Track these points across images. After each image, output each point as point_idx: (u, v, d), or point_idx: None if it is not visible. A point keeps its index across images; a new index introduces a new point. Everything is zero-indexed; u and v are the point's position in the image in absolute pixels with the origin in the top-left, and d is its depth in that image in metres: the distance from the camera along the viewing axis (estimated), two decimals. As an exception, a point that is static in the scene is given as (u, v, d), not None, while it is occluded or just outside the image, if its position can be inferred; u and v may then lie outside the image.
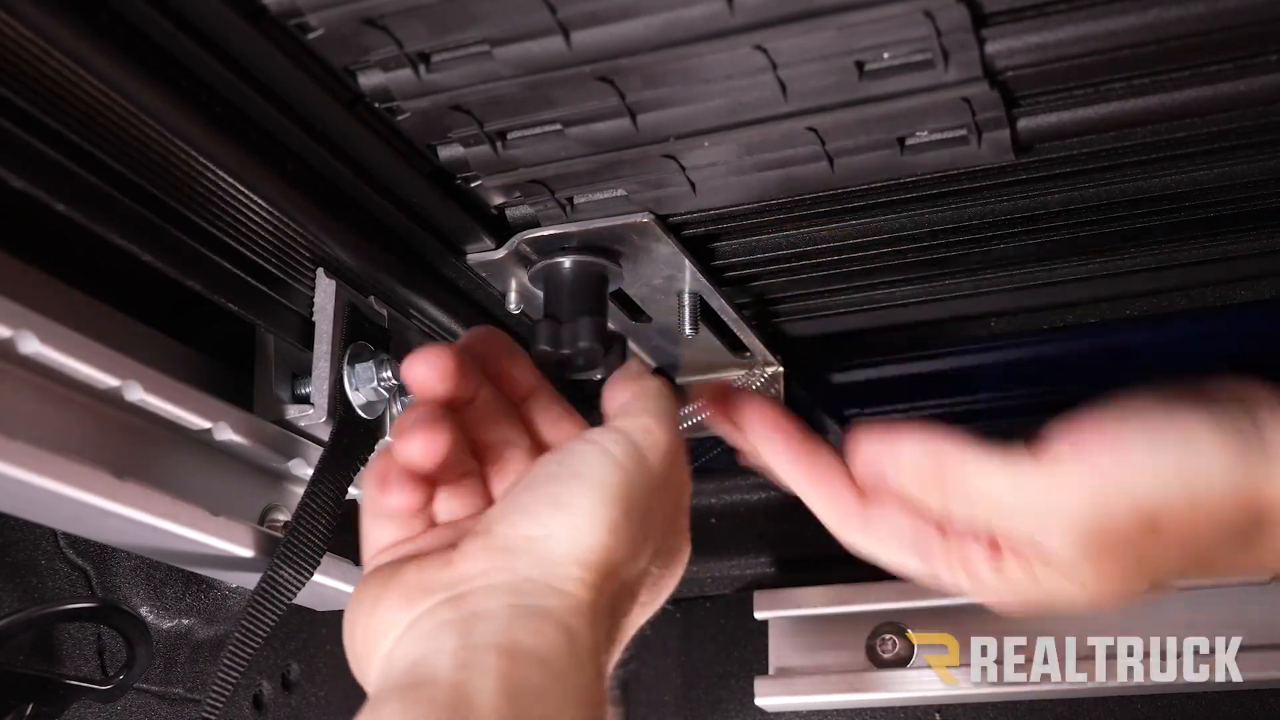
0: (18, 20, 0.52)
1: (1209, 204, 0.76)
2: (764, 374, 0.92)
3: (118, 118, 0.58)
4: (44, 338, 0.59)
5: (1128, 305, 0.97)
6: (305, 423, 0.73)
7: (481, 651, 0.53)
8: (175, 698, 0.86)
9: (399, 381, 0.73)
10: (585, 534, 0.57)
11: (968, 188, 0.72)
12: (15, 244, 0.63)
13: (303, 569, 0.70)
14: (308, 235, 0.70)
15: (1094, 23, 0.57)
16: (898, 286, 0.86)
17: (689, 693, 1.11)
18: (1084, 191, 0.73)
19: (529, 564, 0.56)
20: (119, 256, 0.62)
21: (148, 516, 0.65)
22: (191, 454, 0.72)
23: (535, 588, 0.56)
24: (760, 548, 1.11)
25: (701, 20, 0.55)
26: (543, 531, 0.57)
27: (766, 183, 0.68)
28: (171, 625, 0.86)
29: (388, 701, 0.52)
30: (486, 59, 0.58)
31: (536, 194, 0.69)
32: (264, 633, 0.69)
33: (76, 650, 0.80)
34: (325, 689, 0.97)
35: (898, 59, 0.58)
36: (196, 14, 0.55)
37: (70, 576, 0.80)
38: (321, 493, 0.71)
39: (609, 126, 0.63)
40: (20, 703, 0.74)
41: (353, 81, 0.60)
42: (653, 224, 0.71)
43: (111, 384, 0.64)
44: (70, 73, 0.55)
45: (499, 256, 0.73)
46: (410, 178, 0.68)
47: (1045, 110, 0.63)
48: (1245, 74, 0.61)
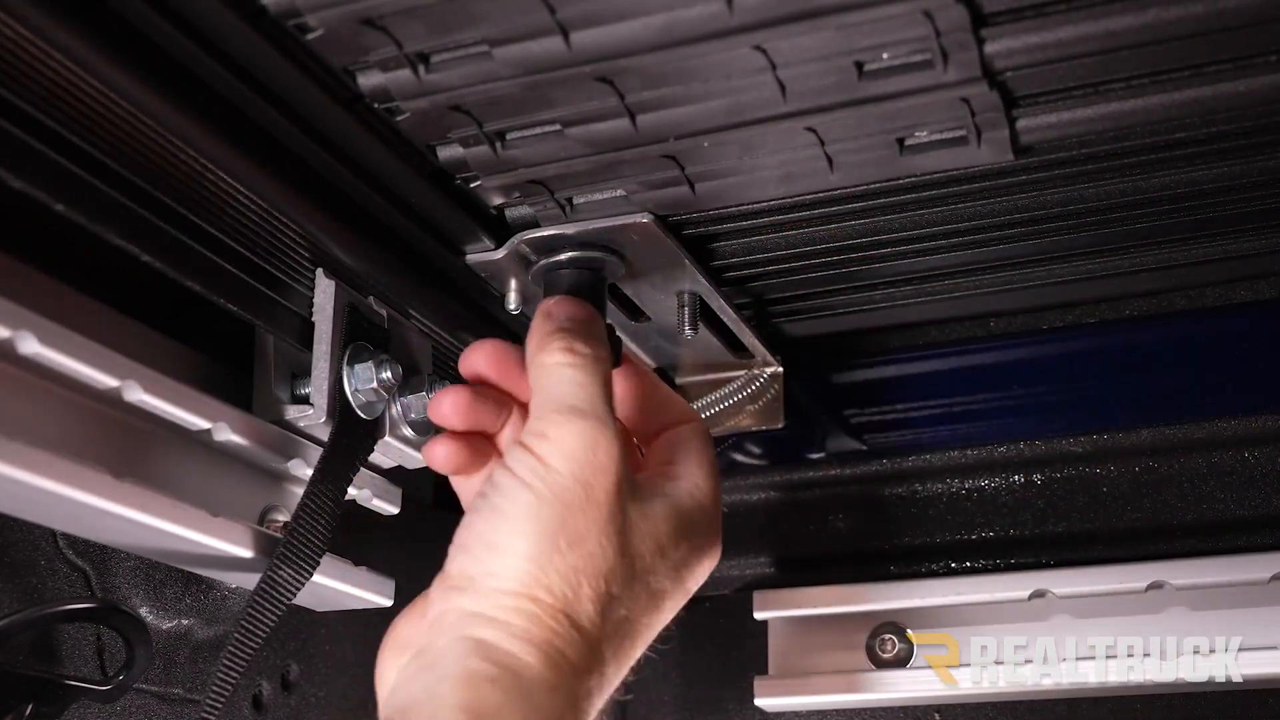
0: (17, 21, 0.52)
1: (1208, 204, 0.76)
2: (764, 374, 0.92)
3: (117, 118, 0.58)
4: (43, 338, 0.59)
5: (1127, 305, 0.97)
6: (304, 423, 0.72)
7: (441, 683, 0.58)
8: (175, 698, 0.86)
9: (398, 382, 0.73)
10: (509, 567, 0.60)
11: (967, 188, 0.72)
12: (14, 244, 0.63)
13: (302, 569, 0.70)
14: (307, 235, 0.70)
15: (1093, 23, 0.57)
16: (897, 286, 0.87)
17: (689, 692, 1.11)
18: (1083, 192, 0.73)
19: (470, 600, 0.60)
20: (118, 257, 0.62)
21: (147, 517, 0.65)
22: (191, 454, 0.72)
23: (477, 620, 0.60)
24: (760, 548, 1.11)
25: (701, 21, 0.55)
26: (478, 568, 0.61)
27: (766, 183, 0.68)
28: (171, 625, 0.86)
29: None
30: (486, 59, 0.58)
31: (536, 194, 0.69)
32: (263, 633, 0.69)
33: (76, 651, 0.79)
34: (325, 689, 0.97)
35: (897, 59, 0.58)
36: (196, 14, 0.55)
37: (69, 577, 0.80)
38: (321, 493, 0.71)
39: (608, 127, 0.63)
40: (19, 703, 0.73)
41: (352, 82, 0.60)
42: (652, 224, 0.71)
43: (111, 384, 0.64)
44: (69, 73, 0.55)
45: (498, 257, 0.73)
46: (409, 178, 0.67)
47: (1044, 110, 0.63)
48: (1244, 74, 0.61)
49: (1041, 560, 1.03)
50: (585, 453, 0.62)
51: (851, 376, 1.04)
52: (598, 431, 0.62)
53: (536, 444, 0.62)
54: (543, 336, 0.66)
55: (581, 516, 0.61)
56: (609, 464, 0.62)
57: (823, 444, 1.09)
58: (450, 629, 0.60)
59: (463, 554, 0.62)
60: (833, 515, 1.09)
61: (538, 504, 0.60)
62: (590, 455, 0.62)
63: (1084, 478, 1.03)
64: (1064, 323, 0.99)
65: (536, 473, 0.61)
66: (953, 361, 1.03)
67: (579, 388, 0.64)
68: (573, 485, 0.61)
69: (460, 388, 0.69)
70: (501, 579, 0.60)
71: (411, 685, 0.59)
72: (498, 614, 0.59)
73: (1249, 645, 0.95)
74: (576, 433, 0.62)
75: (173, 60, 0.57)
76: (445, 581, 0.62)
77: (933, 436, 1.07)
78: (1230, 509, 1.00)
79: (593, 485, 0.61)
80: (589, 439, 0.62)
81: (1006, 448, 1.04)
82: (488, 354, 0.69)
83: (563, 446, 0.62)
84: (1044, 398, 1.04)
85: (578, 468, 0.61)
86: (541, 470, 0.61)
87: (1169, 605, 0.98)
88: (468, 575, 0.61)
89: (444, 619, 0.60)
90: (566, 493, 0.61)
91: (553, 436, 0.62)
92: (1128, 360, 1.00)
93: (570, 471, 0.61)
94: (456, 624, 0.60)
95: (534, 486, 0.61)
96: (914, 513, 1.07)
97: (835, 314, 0.90)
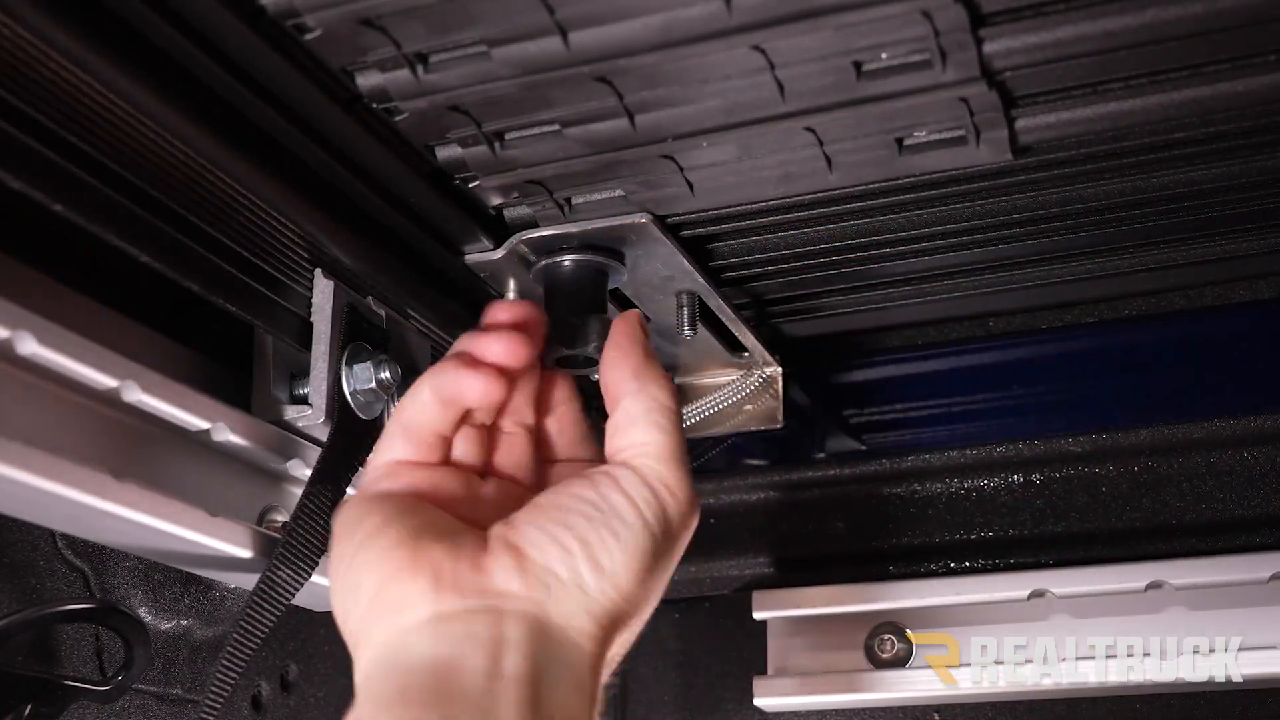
0: (15, 21, 0.52)
1: (1207, 204, 0.76)
2: (763, 374, 0.92)
3: (115, 119, 0.58)
4: (42, 338, 0.59)
5: (1126, 305, 0.97)
6: (303, 423, 0.72)
7: (510, 683, 0.55)
8: (174, 698, 0.86)
9: (397, 382, 0.73)
10: (608, 592, 0.60)
11: (966, 188, 0.72)
12: (13, 245, 0.63)
13: (301, 570, 0.70)
14: (306, 236, 0.70)
15: (1092, 23, 0.57)
16: (896, 286, 0.86)
17: (687, 692, 1.11)
18: (1082, 191, 0.73)
19: (555, 605, 0.58)
20: (117, 257, 0.62)
21: (146, 517, 0.65)
22: (189, 455, 0.72)
23: (559, 634, 0.58)
24: (759, 547, 1.11)
25: (699, 20, 0.55)
26: (571, 576, 0.59)
27: (764, 183, 0.68)
28: (170, 626, 0.86)
29: (413, 691, 0.54)
30: (484, 59, 0.58)
31: (534, 194, 0.69)
32: (262, 633, 0.69)
33: (75, 651, 0.80)
34: (324, 690, 0.97)
35: (896, 59, 0.58)
36: (194, 15, 0.55)
37: (69, 577, 0.80)
38: (320, 493, 0.71)
39: (607, 127, 0.63)
40: (19, 703, 0.73)
41: (350, 82, 0.60)
42: (651, 224, 0.71)
43: (110, 385, 0.64)
44: (68, 74, 0.55)
45: (497, 257, 0.73)
46: (408, 178, 0.67)
47: (1043, 110, 0.63)
48: (1243, 74, 0.61)
49: (1041, 560, 1.03)
50: (693, 513, 0.64)
51: (850, 376, 1.04)
52: (694, 489, 0.65)
53: (663, 493, 0.63)
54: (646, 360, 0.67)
55: (669, 565, 0.64)
56: (693, 524, 0.65)
57: (822, 444, 1.09)
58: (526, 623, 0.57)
59: (560, 553, 0.59)
60: (832, 515, 1.09)
61: (654, 550, 0.62)
62: (694, 514, 0.65)
63: (1083, 477, 1.03)
64: (1063, 323, 0.99)
65: (660, 520, 0.62)
66: (952, 361, 1.03)
67: (683, 437, 0.66)
68: (677, 540, 0.64)
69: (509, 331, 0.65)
70: (596, 603, 0.59)
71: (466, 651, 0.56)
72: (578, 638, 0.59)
73: (1249, 645, 0.95)
74: (690, 491, 0.64)
75: (171, 60, 0.57)
76: (525, 564, 0.59)
77: (932, 436, 1.07)
78: (1230, 508, 1.00)
79: (680, 543, 0.64)
80: (695, 497, 0.64)
81: (1005, 447, 1.04)
82: (519, 316, 0.68)
83: (682, 502, 0.64)
84: (1043, 397, 1.04)
85: (687, 526, 0.64)
86: (664, 519, 0.63)
87: (1168, 605, 0.98)
88: (558, 577, 0.59)
89: (517, 602, 0.58)
90: (672, 546, 0.63)
91: (676, 491, 0.63)
92: (1127, 360, 1.00)
93: (680, 528, 0.64)
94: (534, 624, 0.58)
95: (654, 532, 0.62)
96: (913, 513, 1.07)
97: (834, 314, 0.90)
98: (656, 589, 0.63)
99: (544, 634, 0.58)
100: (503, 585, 0.58)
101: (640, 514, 0.62)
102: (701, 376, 0.92)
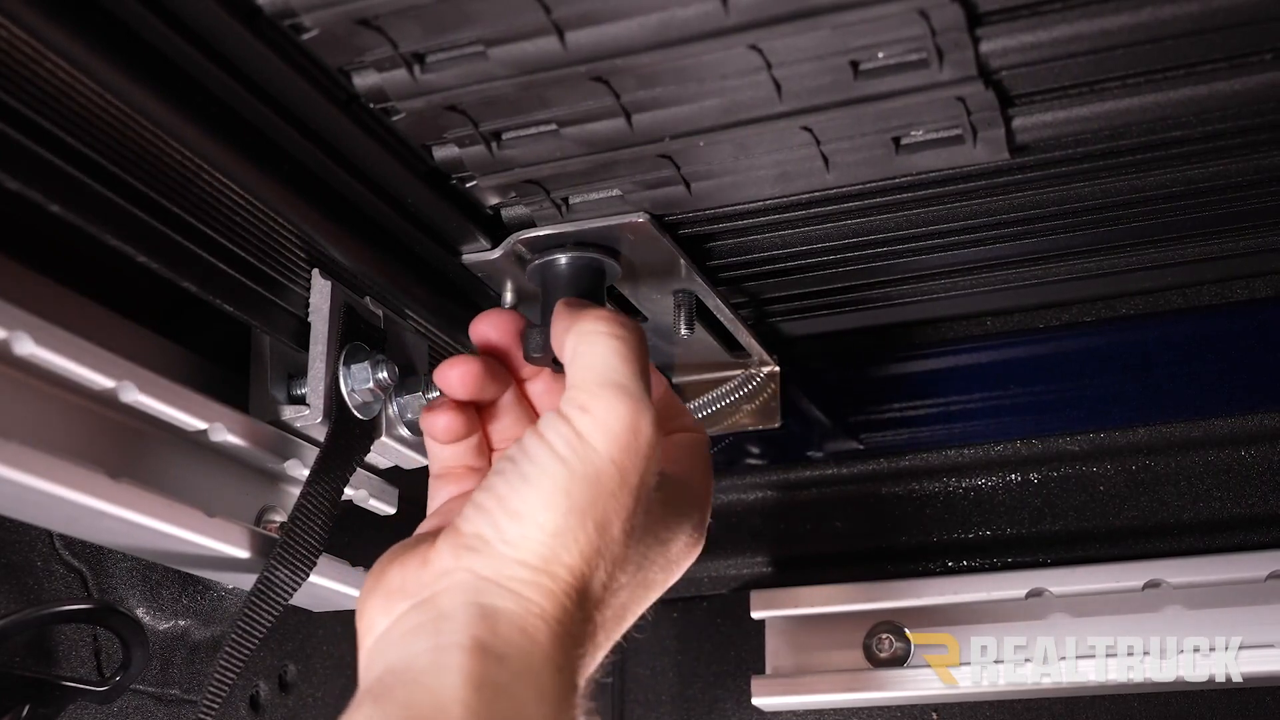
0: (11, 21, 0.52)
1: (1204, 202, 0.76)
2: (760, 373, 0.92)
3: (112, 119, 0.58)
4: (39, 339, 0.59)
5: (1123, 304, 0.97)
6: (301, 423, 0.72)
7: (448, 650, 0.55)
8: (172, 699, 0.86)
9: (394, 381, 0.73)
10: (531, 539, 0.58)
11: (963, 187, 0.72)
12: (10, 245, 0.63)
13: (299, 570, 0.70)
14: (303, 236, 0.70)
15: (1088, 22, 0.57)
16: (894, 286, 0.87)
17: (685, 692, 1.11)
18: (1079, 190, 0.73)
19: (484, 564, 0.58)
20: (114, 257, 0.62)
21: (143, 518, 0.65)
22: (187, 455, 0.72)
23: (491, 588, 0.57)
24: (757, 547, 1.11)
25: (696, 20, 0.55)
26: (495, 533, 0.58)
27: (762, 182, 0.68)
28: (168, 626, 0.86)
29: (364, 704, 0.55)
30: (481, 59, 0.58)
31: (532, 194, 0.69)
32: (260, 634, 0.69)
33: (72, 651, 0.79)
34: (322, 690, 0.97)
35: (892, 58, 0.58)
36: (190, 15, 0.55)
37: (66, 578, 0.80)
38: (318, 493, 0.70)
39: (604, 126, 0.63)
40: (16, 704, 0.73)
41: (347, 82, 0.60)
42: (648, 224, 0.71)
43: (107, 385, 0.63)
44: (64, 74, 0.55)
45: (494, 257, 0.73)
46: (405, 178, 0.67)
47: (1040, 109, 0.63)
48: (1239, 73, 0.61)
49: (1039, 559, 1.03)
50: (626, 435, 0.59)
51: (848, 376, 1.04)
52: (640, 414, 0.59)
53: (577, 417, 0.59)
54: (582, 306, 0.65)
55: (612, 500, 0.58)
56: (647, 451, 0.59)
57: (820, 443, 1.09)
58: (459, 590, 0.57)
59: (480, 515, 0.59)
60: (830, 514, 1.09)
61: (570, 480, 0.58)
62: (631, 439, 0.59)
63: (1081, 476, 1.03)
64: (1060, 322, 0.99)
65: (573, 447, 0.58)
66: (949, 360, 1.03)
67: (624, 363, 0.61)
68: (609, 467, 0.58)
69: (470, 357, 0.67)
70: (521, 550, 0.57)
71: (412, 642, 0.57)
72: (514, 585, 0.57)
73: (1248, 644, 0.95)
74: (620, 413, 0.59)
75: (167, 60, 0.57)
76: (457, 538, 0.59)
77: (930, 435, 1.07)
78: (1227, 507, 1.00)
79: (628, 470, 0.59)
80: (631, 421, 0.59)
81: (1003, 447, 1.04)
82: (499, 322, 0.69)
83: (604, 424, 0.59)
84: (1040, 396, 1.04)
85: (617, 450, 0.59)
86: (579, 445, 0.58)
87: (1167, 604, 0.98)
88: (482, 537, 0.58)
89: (451, 576, 0.58)
90: (602, 473, 0.58)
91: (595, 412, 0.59)
92: (1124, 359, 1.00)
93: (609, 452, 0.58)
94: (467, 586, 0.57)
95: (569, 461, 0.58)
96: (911, 512, 1.07)
97: (832, 313, 0.90)
98: (611, 528, 0.58)
99: (476, 591, 0.57)
100: (440, 567, 0.59)
101: (551, 450, 0.58)
102: (699, 376, 0.93)
